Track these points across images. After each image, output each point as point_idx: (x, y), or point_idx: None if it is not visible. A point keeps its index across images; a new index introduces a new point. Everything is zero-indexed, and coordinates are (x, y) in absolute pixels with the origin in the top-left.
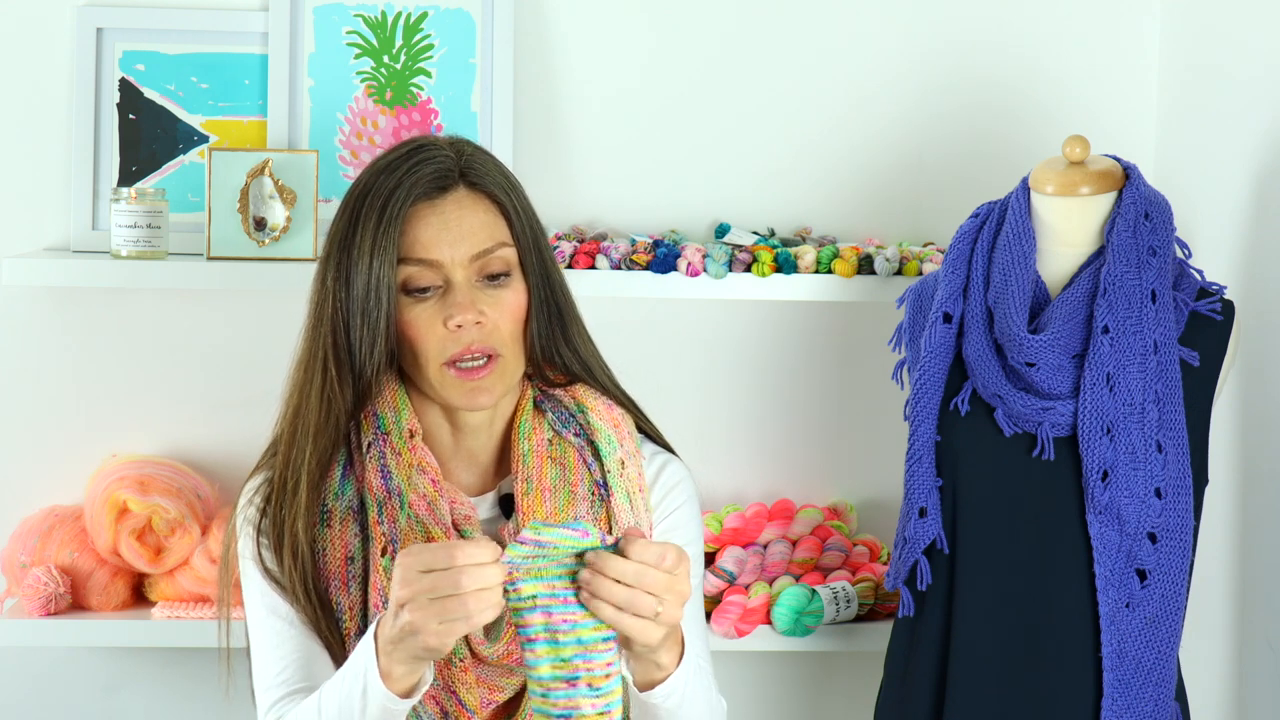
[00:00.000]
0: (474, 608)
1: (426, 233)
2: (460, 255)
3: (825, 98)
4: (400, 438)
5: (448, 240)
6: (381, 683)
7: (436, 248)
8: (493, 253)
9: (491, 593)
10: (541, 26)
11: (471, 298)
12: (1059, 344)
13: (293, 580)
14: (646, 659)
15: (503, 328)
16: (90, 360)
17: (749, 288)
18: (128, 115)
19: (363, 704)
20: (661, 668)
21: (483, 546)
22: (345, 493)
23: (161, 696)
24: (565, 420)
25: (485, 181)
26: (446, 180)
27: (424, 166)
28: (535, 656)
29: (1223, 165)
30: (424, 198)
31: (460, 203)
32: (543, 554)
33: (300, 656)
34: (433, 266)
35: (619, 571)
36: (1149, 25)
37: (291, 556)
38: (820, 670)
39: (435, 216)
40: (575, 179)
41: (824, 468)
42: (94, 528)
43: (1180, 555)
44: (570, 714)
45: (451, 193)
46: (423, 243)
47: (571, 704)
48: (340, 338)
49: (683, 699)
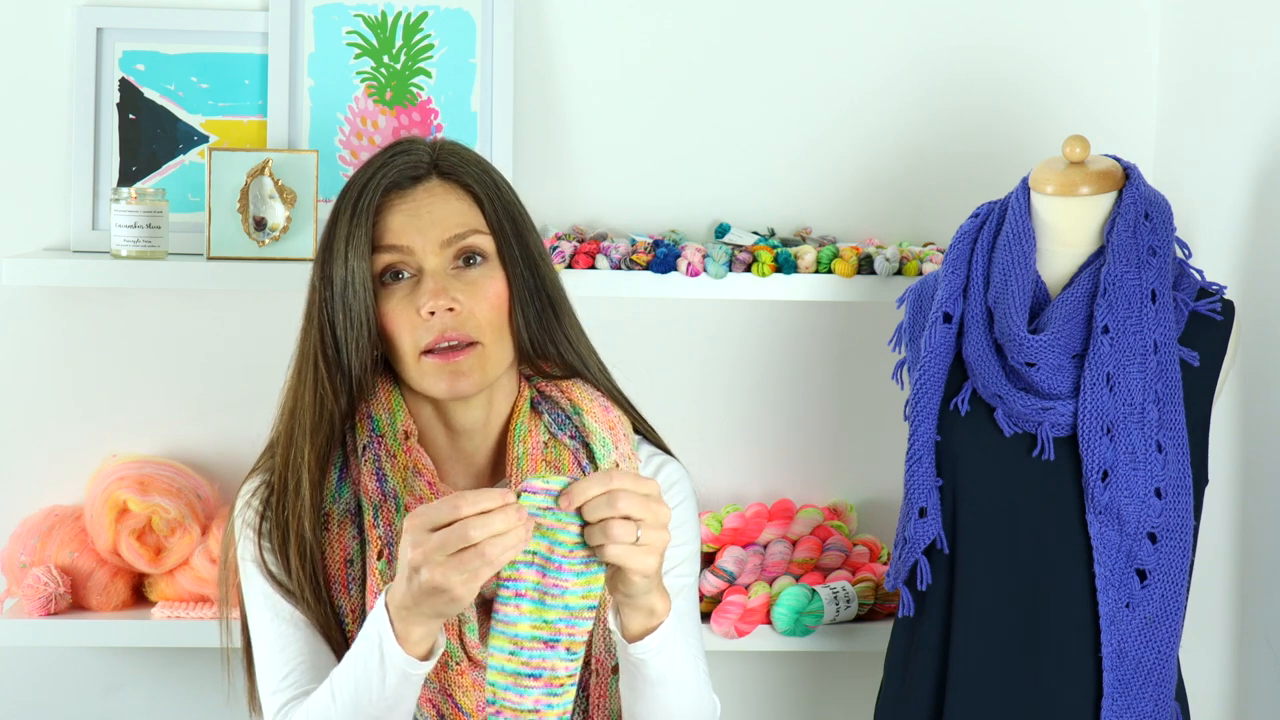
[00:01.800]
0: (492, 553)
1: (397, 220)
2: (431, 241)
3: (825, 98)
4: (395, 439)
5: (417, 226)
6: (400, 647)
7: (406, 234)
8: (464, 239)
9: (507, 536)
10: (541, 26)
11: (443, 284)
12: (1059, 344)
13: (300, 582)
14: (640, 605)
15: (479, 315)
16: (90, 360)
17: (749, 288)
18: (128, 115)
19: (381, 673)
20: (655, 614)
21: (486, 493)
22: (342, 495)
23: (161, 696)
24: (561, 422)
25: (458, 171)
26: (418, 170)
27: (398, 159)
28: (517, 613)
29: (1223, 165)
30: (395, 188)
31: (431, 191)
32: (553, 510)
33: (307, 658)
34: (404, 253)
35: (590, 493)
36: (1149, 25)
37: (299, 557)
38: (820, 670)
39: (406, 204)
40: (575, 179)
41: (824, 468)
42: (94, 528)
43: (1180, 555)
44: (541, 673)
45: (423, 182)
46: (393, 230)
47: (545, 664)
48: (327, 335)
49: (671, 659)
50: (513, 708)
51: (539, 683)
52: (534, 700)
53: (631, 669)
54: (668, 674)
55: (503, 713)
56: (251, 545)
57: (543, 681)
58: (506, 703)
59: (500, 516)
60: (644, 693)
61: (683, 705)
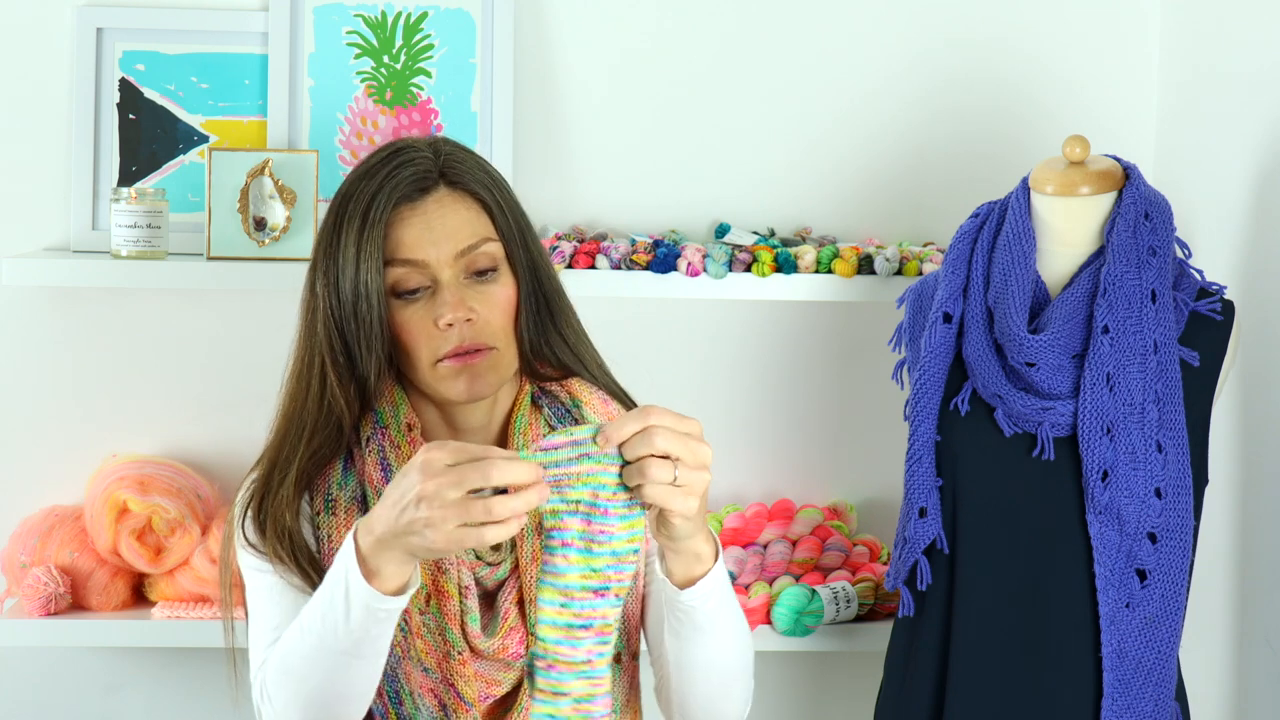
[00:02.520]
0: (500, 510)
1: (410, 234)
2: (445, 254)
3: (825, 98)
4: (399, 431)
5: (431, 240)
6: (365, 581)
7: (420, 248)
8: (478, 249)
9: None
10: (541, 26)
11: (460, 296)
12: (1059, 344)
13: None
14: (686, 550)
15: (494, 322)
16: (90, 360)
17: (749, 288)
18: (128, 115)
19: (345, 607)
20: (701, 559)
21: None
22: (348, 484)
23: (161, 696)
24: (560, 416)
25: (466, 179)
26: (426, 181)
27: (404, 169)
28: (565, 563)
29: (1223, 165)
30: (405, 200)
31: (441, 202)
32: (582, 453)
33: (295, 609)
34: (419, 267)
35: (626, 430)
36: (1149, 25)
37: (276, 539)
38: (820, 670)
39: (417, 218)
40: (575, 179)
41: (824, 468)
42: (94, 528)
43: (1180, 555)
44: (592, 623)
45: (432, 193)
46: (407, 244)
47: (596, 613)
48: (336, 343)
49: (721, 605)
50: (566, 660)
51: (590, 633)
52: (587, 651)
53: (680, 616)
54: (718, 619)
55: (555, 666)
56: (240, 534)
57: (594, 631)
58: (560, 656)
59: (524, 467)
60: (694, 639)
61: (734, 650)
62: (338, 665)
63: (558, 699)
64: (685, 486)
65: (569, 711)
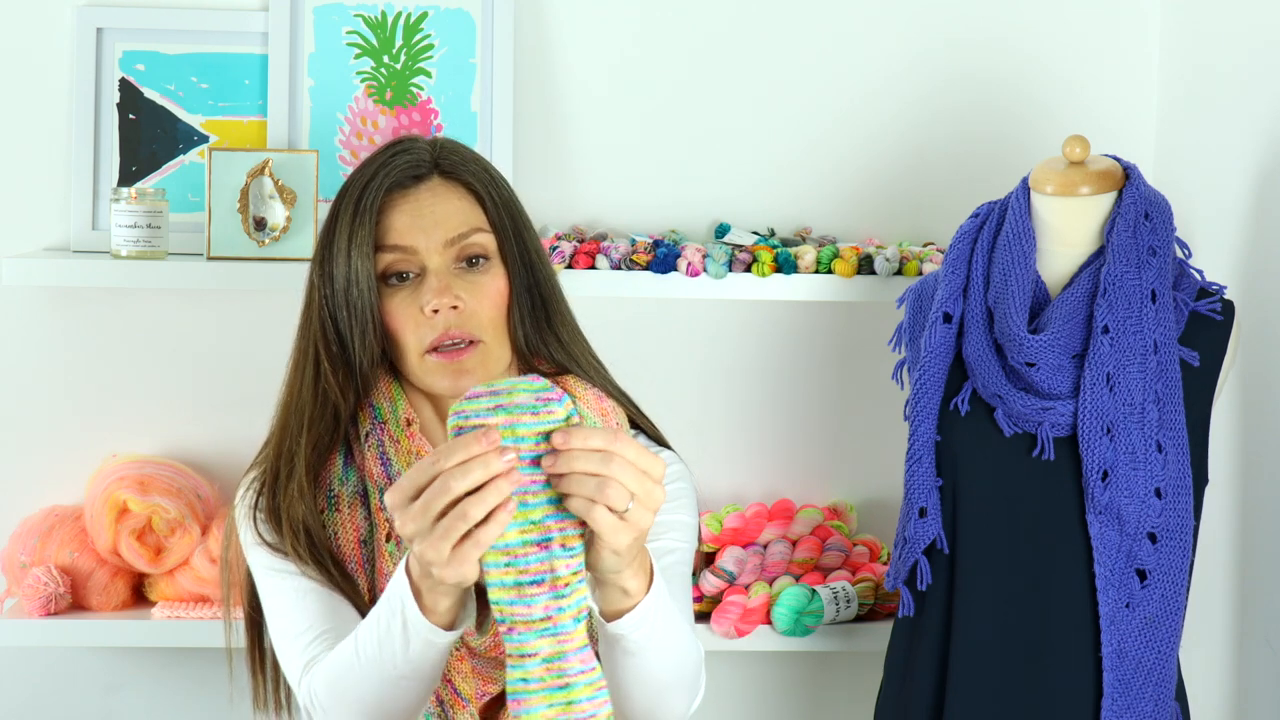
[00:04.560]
0: (473, 513)
1: (400, 220)
2: (434, 241)
3: (825, 98)
4: (398, 425)
5: (421, 226)
6: (423, 616)
7: (410, 234)
8: (468, 238)
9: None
10: (541, 26)
11: (447, 283)
12: (1059, 344)
13: (297, 550)
14: (612, 583)
15: (481, 314)
16: (90, 360)
17: (749, 288)
18: (128, 115)
19: (404, 639)
20: (629, 594)
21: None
22: (349, 479)
23: (161, 696)
24: None
25: (459, 170)
26: (420, 169)
27: (399, 158)
28: None
29: (1223, 165)
30: (398, 187)
31: (434, 190)
32: (502, 405)
33: (323, 608)
34: (408, 253)
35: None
36: (1149, 25)
37: (293, 536)
38: (820, 670)
39: (409, 204)
40: (575, 179)
41: (824, 468)
42: (94, 528)
43: (1180, 555)
44: (543, 578)
45: (425, 181)
46: (397, 230)
47: (545, 567)
48: (330, 331)
49: (653, 632)
50: (524, 620)
51: (543, 588)
52: (544, 607)
53: (608, 640)
54: (648, 644)
55: (515, 628)
56: (250, 531)
57: (546, 586)
58: (517, 617)
59: (480, 461)
60: (623, 661)
61: (670, 665)
62: (397, 688)
63: (525, 661)
64: (628, 523)
65: (541, 672)
